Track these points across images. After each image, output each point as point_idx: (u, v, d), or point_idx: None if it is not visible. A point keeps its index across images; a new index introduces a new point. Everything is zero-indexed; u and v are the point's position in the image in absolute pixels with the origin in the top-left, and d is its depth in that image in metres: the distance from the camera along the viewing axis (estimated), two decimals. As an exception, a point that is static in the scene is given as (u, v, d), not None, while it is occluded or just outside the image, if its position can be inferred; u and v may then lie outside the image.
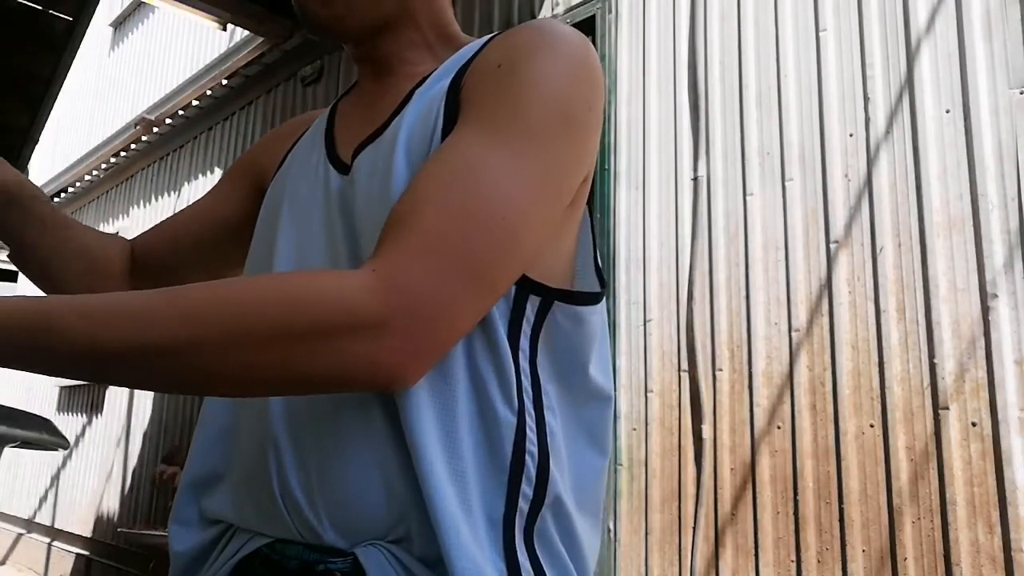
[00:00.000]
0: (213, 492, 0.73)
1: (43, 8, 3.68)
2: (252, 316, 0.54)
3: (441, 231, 0.57)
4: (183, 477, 0.75)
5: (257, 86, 4.90)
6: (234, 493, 0.70)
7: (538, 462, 0.63)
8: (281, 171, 0.82)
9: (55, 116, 4.64)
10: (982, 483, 1.81)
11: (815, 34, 2.28)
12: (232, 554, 0.70)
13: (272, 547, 0.67)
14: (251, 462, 0.68)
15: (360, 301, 0.55)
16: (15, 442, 2.65)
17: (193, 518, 0.73)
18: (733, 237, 2.35)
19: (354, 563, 0.61)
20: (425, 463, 0.59)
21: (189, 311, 0.54)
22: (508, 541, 0.61)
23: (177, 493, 0.75)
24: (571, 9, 2.98)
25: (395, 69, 0.78)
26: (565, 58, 0.66)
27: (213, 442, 0.74)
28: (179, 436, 4.92)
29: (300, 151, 0.82)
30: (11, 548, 6.95)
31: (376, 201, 0.66)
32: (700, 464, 2.30)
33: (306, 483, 0.63)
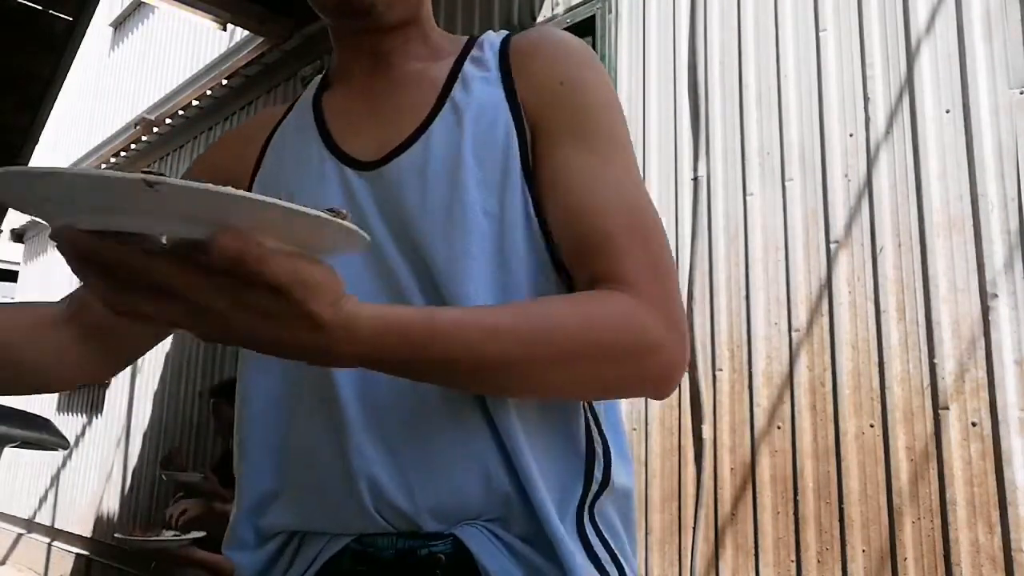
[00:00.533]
0: (269, 510, 0.73)
1: (43, 8, 3.68)
2: (579, 340, 0.61)
3: (655, 257, 0.67)
4: (239, 504, 0.74)
5: (257, 86, 4.90)
6: (299, 503, 0.70)
7: (603, 449, 0.71)
8: (267, 171, 0.80)
9: (55, 116, 4.63)
10: (982, 483, 1.81)
11: (815, 34, 2.29)
12: (311, 558, 0.69)
13: (360, 541, 0.68)
14: (324, 472, 0.68)
15: (651, 326, 0.64)
16: (15, 442, 2.64)
17: (250, 539, 0.73)
18: (733, 237, 2.35)
19: (455, 543, 0.66)
20: (524, 454, 0.66)
21: (528, 332, 0.60)
22: (579, 520, 0.68)
23: (233, 519, 0.74)
24: (571, 9, 2.98)
25: (393, 64, 0.80)
26: (598, 66, 0.75)
27: (263, 464, 0.73)
28: (178, 437, 4.92)
29: (288, 149, 0.80)
30: (11, 548, 6.95)
31: (439, 207, 0.68)
32: (700, 464, 2.30)
33: (403, 482, 0.66)
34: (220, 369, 4.68)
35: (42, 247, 7.95)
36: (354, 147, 0.75)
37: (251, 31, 4.67)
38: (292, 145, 0.80)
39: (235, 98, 5.10)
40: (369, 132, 0.76)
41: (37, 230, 8.14)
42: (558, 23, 3.00)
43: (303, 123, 0.81)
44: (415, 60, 0.80)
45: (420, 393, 0.66)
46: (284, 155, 0.79)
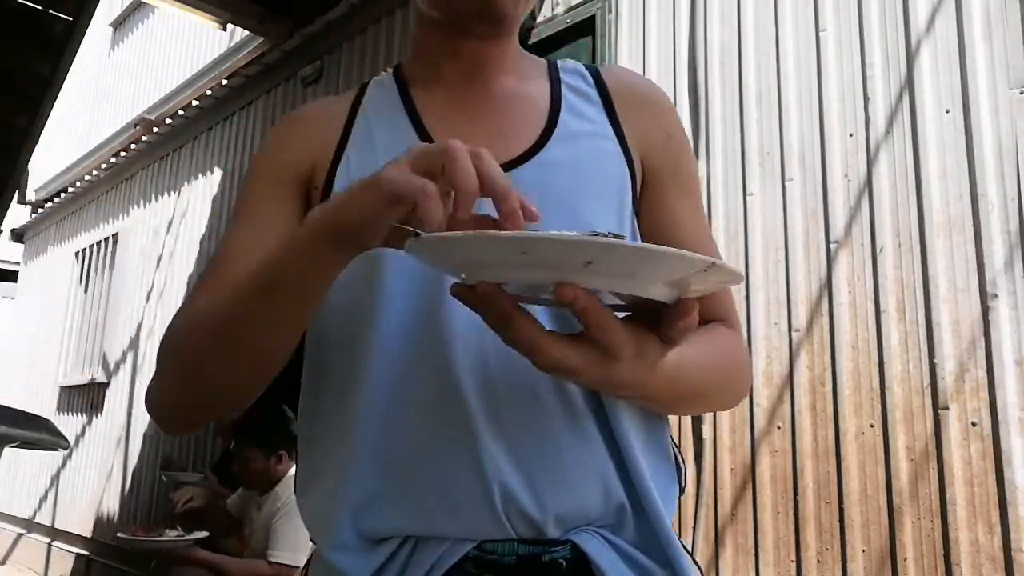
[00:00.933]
0: (377, 511, 0.70)
1: (43, 8, 3.68)
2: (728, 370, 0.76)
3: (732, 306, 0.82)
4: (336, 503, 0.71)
5: (257, 86, 4.90)
6: (418, 506, 0.69)
7: (679, 457, 0.78)
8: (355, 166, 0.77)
9: (55, 116, 4.63)
10: (982, 483, 1.81)
11: (815, 34, 2.28)
12: (429, 565, 0.68)
13: (480, 548, 0.68)
14: (449, 475, 0.68)
15: (746, 356, 0.80)
16: (15, 442, 2.65)
17: (352, 541, 0.71)
18: (733, 237, 2.35)
19: (573, 549, 0.69)
20: (638, 462, 0.70)
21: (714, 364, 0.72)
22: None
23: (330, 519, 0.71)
24: (571, 9, 2.98)
25: (489, 74, 0.81)
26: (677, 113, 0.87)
27: (369, 466, 0.70)
28: (178, 438, 4.92)
29: (380, 146, 0.77)
30: (11, 548, 6.95)
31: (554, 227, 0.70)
32: (700, 464, 2.30)
33: (531, 490, 0.68)
34: (220, 369, 4.67)
35: (42, 247, 7.96)
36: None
37: (251, 31, 4.67)
38: (383, 142, 0.78)
39: (235, 98, 5.10)
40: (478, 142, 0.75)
41: (37, 230, 8.14)
42: (558, 23, 3.01)
43: (393, 119, 0.80)
44: (505, 74, 0.82)
45: (534, 390, 0.69)
46: (376, 153, 0.77)
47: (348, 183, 0.72)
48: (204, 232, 5.13)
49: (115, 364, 5.87)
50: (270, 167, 0.80)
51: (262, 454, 2.85)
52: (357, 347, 0.72)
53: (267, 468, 2.86)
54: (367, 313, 0.71)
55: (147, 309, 5.61)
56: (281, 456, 2.88)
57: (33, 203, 7.93)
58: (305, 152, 0.79)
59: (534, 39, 3.08)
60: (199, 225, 5.20)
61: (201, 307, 0.70)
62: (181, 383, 0.70)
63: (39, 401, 6.91)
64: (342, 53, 4.24)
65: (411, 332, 0.70)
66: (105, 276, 6.32)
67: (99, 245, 6.52)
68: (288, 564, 2.69)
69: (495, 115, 0.79)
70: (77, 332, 6.61)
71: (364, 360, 0.71)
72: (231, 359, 0.67)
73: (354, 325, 0.72)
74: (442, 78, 0.81)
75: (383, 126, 0.79)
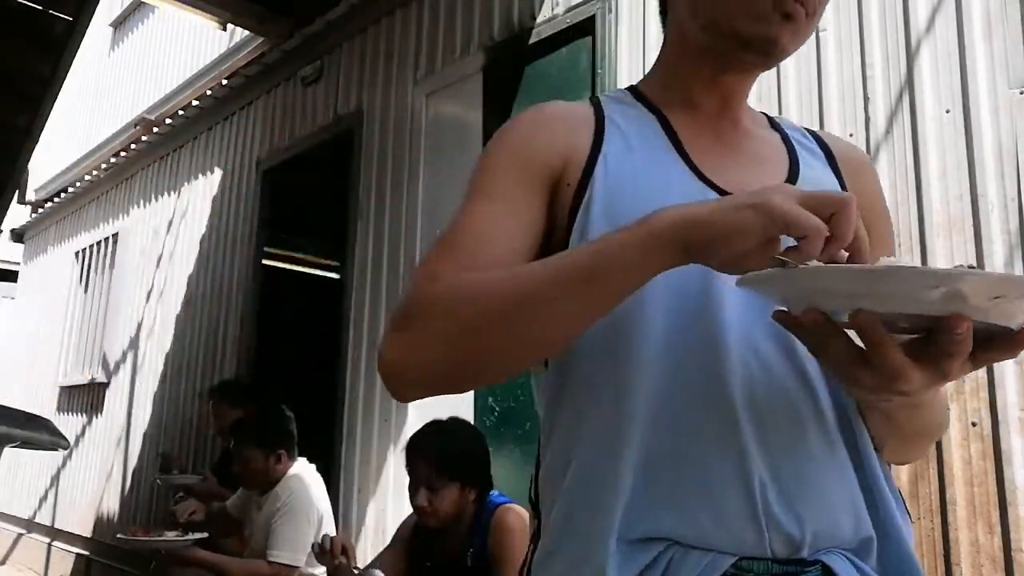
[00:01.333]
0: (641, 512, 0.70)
1: (43, 8, 3.68)
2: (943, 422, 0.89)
3: None
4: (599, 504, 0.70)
5: (257, 86, 4.90)
6: (689, 514, 0.69)
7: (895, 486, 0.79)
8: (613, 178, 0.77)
9: (55, 116, 4.63)
10: (982, 483, 1.81)
11: (815, 34, 2.28)
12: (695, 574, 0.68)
13: (737, 565, 0.68)
14: (720, 485, 0.69)
15: None
16: (15, 442, 2.66)
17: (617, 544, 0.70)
18: (733, 237, 2.35)
19: (823, 570, 0.70)
20: (883, 489, 0.74)
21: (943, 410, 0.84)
22: None
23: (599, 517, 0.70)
24: (571, 9, 2.98)
25: (734, 110, 0.87)
26: None
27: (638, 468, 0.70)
28: (178, 437, 4.92)
29: (638, 161, 0.79)
30: (11, 548, 6.96)
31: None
32: (700, 464, 2.30)
33: (792, 510, 0.69)
34: (220, 369, 4.68)
35: (42, 247, 7.96)
36: (724, 182, 0.78)
37: (251, 31, 4.67)
38: (642, 156, 0.80)
39: (235, 98, 5.10)
40: (735, 173, 0.80)
41: (37, 230, 8.14)
42: (558, 23, 3.00)
43: (650, 138, 0.82)
44: (743, 112, 0.88)
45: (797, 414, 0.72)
46: (635, 165, 0.79)
47: (606, 188, 0.77)
48: (204, 232, 5.13)
49: (115, 364, 5.88)
50: (519, 154, 0.80)
51: (262, 454, 2.85)
52: (627, 354, 0.73)
53: (267, 468, 2.86)
54: (635, 322, 0.72)
55: (147, 309, 5.61)
56: (280, 456, 2.88)
57: (33, 203, 7.93)
58: (558, 148, 0.80)
59: (534, 39, 3.08)
60: (199, 225, 5.20)
61: (474, 281, 0.70)
62: (446, 353, 0.70)
63: (39, 401, 6.91)
64: (342, 53, 4.24)
65: (682, 341, 0.72)
66: (105, 276, 6.32)
67: (99, 245, 6.52)
68: (288, 564, 2.69)
69: (747, 152, 0.83)
70: (77, 332, 6.61)
71: (634, 366, 0.72)
72: (515, 340, 0.68)
73: (622, 334, 0.73)
74: (695, 106, 0.85)
75: (640, 141, 0.81)
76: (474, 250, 0.74)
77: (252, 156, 4.81)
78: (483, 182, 0.80)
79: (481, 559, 2.13)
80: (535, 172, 0.79)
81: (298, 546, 2.72)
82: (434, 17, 3.66)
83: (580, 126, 0.82)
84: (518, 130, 0.83)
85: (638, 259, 0.63)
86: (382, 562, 2.37)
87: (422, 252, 3.43)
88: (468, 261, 0.73)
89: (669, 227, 0.62)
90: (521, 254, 0.76)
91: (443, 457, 2.14)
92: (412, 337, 0.70)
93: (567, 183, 0.79)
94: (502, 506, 2.17)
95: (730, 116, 0.86)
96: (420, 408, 3.25)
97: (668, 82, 0.87)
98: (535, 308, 0.67)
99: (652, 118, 0.84)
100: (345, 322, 3.76)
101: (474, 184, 0.81)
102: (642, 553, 0.69)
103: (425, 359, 0.71)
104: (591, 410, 0.73)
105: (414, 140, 3.59)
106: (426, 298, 0.71)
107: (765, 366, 0.72)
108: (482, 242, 0.75)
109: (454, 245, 0.76)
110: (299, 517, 2.76)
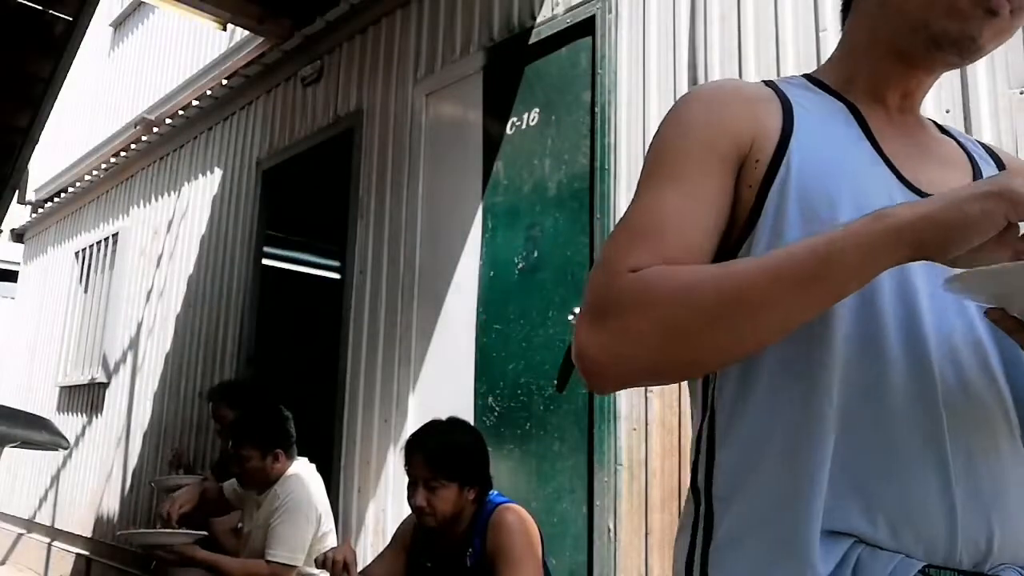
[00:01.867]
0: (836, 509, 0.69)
1: (43, 8, 3.68)
2: None
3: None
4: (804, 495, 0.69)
5: (257, 86, 4.90)
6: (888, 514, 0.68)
7: None
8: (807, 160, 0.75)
9: (55, 116, 4.63)
10: (982, 483, 1.81)
11: (815, 34, 2.28)
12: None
13: (925, 572, 0.67)
14: (918, 490, 0.68)
15: None
16: (15, 442, 2.65)
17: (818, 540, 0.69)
18: (733, 237, 2.35)
19: None
20: None
21: None
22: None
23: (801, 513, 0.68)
24: (571, 9, 2.98)
25: (916, 110, 0.88)
26: None
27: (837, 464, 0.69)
28: (178, 437, 4.92)
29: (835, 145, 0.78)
30: (11, 548, 6.96)
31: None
32: (700, 464, 2.30)
33: (986, 522, 0.68)
34: (220, 369, 4.68)
35: (42, 247, 7.96)
36: (915, 178, 0.78)
37: (251, 31, 4.67)
38: (835, 143, 0.78)
39: (235, 98, 5.10)
40: (925, 170, 0.79)
41: (37, 230, 8.14)
42: (558, 23, 3.00)
43: (839, 128, 0.80)
44: (919, 113, 0.87)
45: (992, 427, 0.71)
46: (828, 151, 0.77)
47: (800, 168, 0.74)
48: (204, 232, 5.13)
49: (115, 364, 5.88)
50: (701, 134, 0.78)
51: (259, 453, 2.84)
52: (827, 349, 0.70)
53: (264, 467, 2.85)
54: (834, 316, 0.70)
55: (147, 309, 5.61)
56: (278, 455, 2.87)
57: (33, 203, 7.93)
58: (746, 124, 0.77)
59: (534, 39, 3.09)
60: (199, 225, 5.20)
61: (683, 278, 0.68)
62: (653, 351, 0.68)
63: (39, 401, 6.91)
64: (342, 53, 4.24)
65: (884, 340, 0.71)
66: (105, 276, 6.32)
67: (99, 245, 6.52)
68: (286, 563, 2.69)
69: (933, 152, 0.83)
70: (77, 332, 6.61)
71: (834, 361, 0.70)
72: (730, 339, 0.67)
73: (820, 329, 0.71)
74: (880, 101, 0.84)
75: (832, 127, 0.80)
76: (666, 238, 0.72)
77: (252, 156, 4.81)
78: (664, 166, 0.78)
79: (480, 559, 2.13)
80: (721, 150, 0.76)
81: (297, 546, 2.72)
82: (434, 17, 3.66)
83: (766, 103, 0.79)
84: (697, 110, 0.80)
85: (871, 257, 0.62)
86: (382, 562, 2.37)
87: (422, 253, 3.44)
88: (663, 251, 0.71)
89: (909, 225, 0.61)
90: (712, 238, 0.74)
91: (442, 457, 2.15)
92: (617, 334, 0.68)
93: (755, 159, 0.76)
94: (501, 506, 2.17)
95: (913, 116, 0.85)
96: (420, 408, 3.26)
97: (852, 75, 0.85)
98: (753, 307, 0.65)
99: (841, 106, 0.82)
100: (345, 322, 3.76)
101: (653, 169, 0.79)
102: (834, 547, 0.68)
103: (632, 355, 0.68)
104: (789, 403, 0.71)
105: (414, 140, 3.59)
106: (629, 294, 0.69)
107: (962, 373, 0.71)
108: (673, 229, 0.73)
109: (645, 234, 0.73)
110: (298, 516, 2.76)
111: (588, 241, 2.72)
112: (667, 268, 0.69)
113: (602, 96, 2.75)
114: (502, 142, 3.16)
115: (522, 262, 2.97)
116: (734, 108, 0.79)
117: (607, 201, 2.68)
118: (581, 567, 2.53)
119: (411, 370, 3.35)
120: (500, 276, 3.05)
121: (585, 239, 2.74)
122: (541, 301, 2.86)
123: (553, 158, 2.93)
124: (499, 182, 3.14)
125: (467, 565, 2.15)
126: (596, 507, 2.51)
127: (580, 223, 2.77)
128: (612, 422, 2.52)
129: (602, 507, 2.49)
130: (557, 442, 2.71)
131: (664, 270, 0.69)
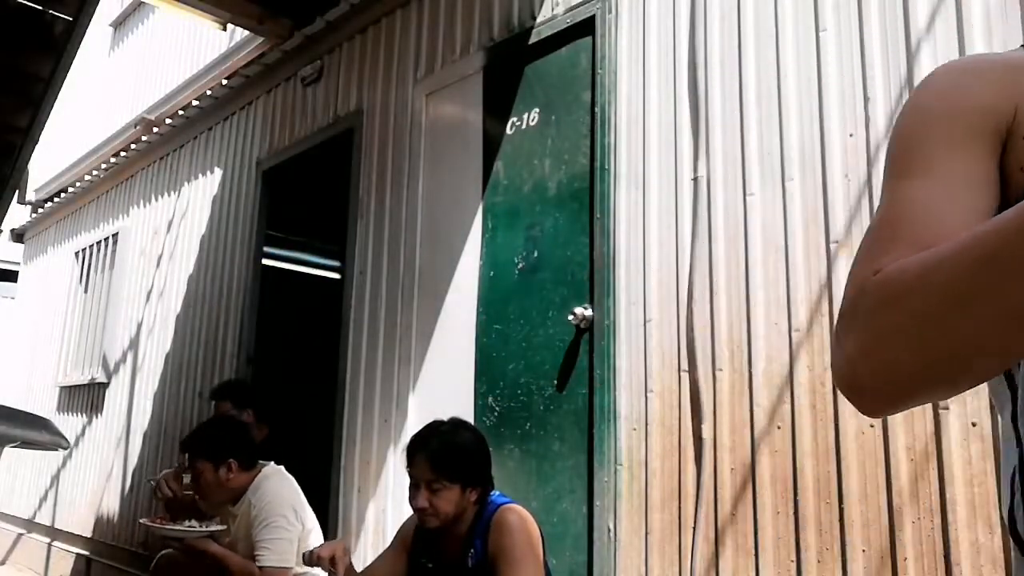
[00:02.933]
0: None
1: (43, 8, 3.68)
2: None
3: None
4: None
5: (257, 86, 4.90)
6: None
7: None
8: None
9: (55, 116, 4.63)
10: (982, 483, 1.81)
11: (815, 34, 2.28)
12: None
13: None
14: None
15: None
16: (15, 442, 2.65)
17: None
18: (733, 237, 2.35)
19: None
20: None
21: None
22: None
23: None
24: (571, 9, 2.98)
25: None
26: None
27: None
28: (178, 438, 4.91)
29: None
30: (11, 548, 6.95)
31: None
32: (700, 464, 2.30)
33: None
34: (220, 369, 4.68)
35: (42, 247, 7.95)
36: None
37: (251, 31, 4.67)
38: None
39: (235, 98, 5.10)
40: None
41: (37, 230, 8.14)
42: (558, 23, 3.01)
43: None
44: None
45: None
46: None
47: None
48: (204, 232, 5.13)
49: (115, 364, 5.87)
50: (951, 113, 0.69)
51: (211, 466, 2.78)
52: None
53: (218, 480, 2.78)
54: None
55: (147, 309, 5.61)
56: (230, 465, 2.78)
57: (33, 203, 7.93)
58: (1005, 95, 0.68)
59: (534, 39, 3.09)
60: (199, 225, 5.20)
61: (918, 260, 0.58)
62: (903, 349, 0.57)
63: (39, 401, 6.91)
64: (342, 53, 4.24)
65: None
66: (105, 276, 6.32)
67: (99, 245, 6.52)
68: (279, 567, 2.69)
69: None
70: (77, 332, 6.61)
71: None
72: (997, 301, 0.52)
73: None
74: None
75: None
76: (919, 238, 0.62)
77: (252, 156, 4.81)
78: (907, 154, 0.69)
79: (482, 559, 2.13)
80: (979, 128, 0.68)
81: (285, 548, 2.72)
82: (434, 17, 3.66)
83: (1002, 84, 0.69)
84: (941, 88, 0.71)
85: None
86: (383, 562, 2.37)
87: (422, 253, 3.44)
88: (912, 247, 0.61)
89: None
90: (972, 224, 0.62)
91: (445, 459, 2.14)
92: (860, 338, 0.60)
93: (1022, 136, 0.67)
94: (503, 506, 2.17)
95: None
96: (420, 408, 3.26)
97: None
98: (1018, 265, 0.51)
99: None
100: (345, 322, 3.76)
101: (899, 161, 0.70)
102: None
103: (881, 359, 0.59)
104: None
105: (414, 140, 3.59)
106: (874, 294, 0.60)
107: None
108: (919, 223, 0.64)
109: (895, 236, 0.64)
110: (278, 520, 2.73)
111: (588, 241, 2.72)
112: (907, 258, 0.60)
113: (602, 96, 2.76)
114: (502, 142, 3.16)
115: (522, 262, 2.97)
116: (988, 76, 0.70)
117: (607, 201, 2.68)
118: (581, 567, 2.53)
119: (411, 370, 3.35)
120: (500, 276, 3.05)
121: (585, 239, 2.74)
122: (541, 301, 2.86)
123: (553, 158, 2.94)
124: (499, 182, 3.14)
125: (468, 566, 2.15)
126: (596, 507, 2.51)
127: (580, 223, 2.77)
128: (612, 422, 2.53)
129: (602, 507, 2.50)
130: (557, 442, 2.71)
131: (904, 260, 0.60)
